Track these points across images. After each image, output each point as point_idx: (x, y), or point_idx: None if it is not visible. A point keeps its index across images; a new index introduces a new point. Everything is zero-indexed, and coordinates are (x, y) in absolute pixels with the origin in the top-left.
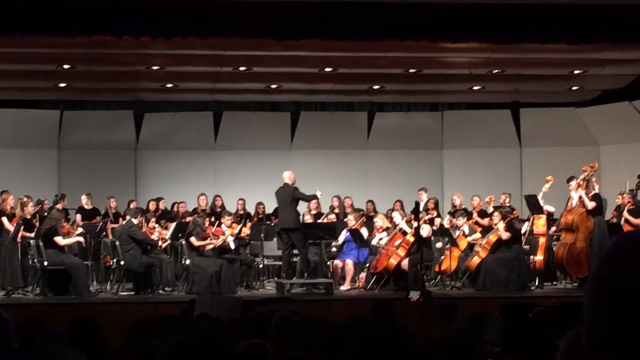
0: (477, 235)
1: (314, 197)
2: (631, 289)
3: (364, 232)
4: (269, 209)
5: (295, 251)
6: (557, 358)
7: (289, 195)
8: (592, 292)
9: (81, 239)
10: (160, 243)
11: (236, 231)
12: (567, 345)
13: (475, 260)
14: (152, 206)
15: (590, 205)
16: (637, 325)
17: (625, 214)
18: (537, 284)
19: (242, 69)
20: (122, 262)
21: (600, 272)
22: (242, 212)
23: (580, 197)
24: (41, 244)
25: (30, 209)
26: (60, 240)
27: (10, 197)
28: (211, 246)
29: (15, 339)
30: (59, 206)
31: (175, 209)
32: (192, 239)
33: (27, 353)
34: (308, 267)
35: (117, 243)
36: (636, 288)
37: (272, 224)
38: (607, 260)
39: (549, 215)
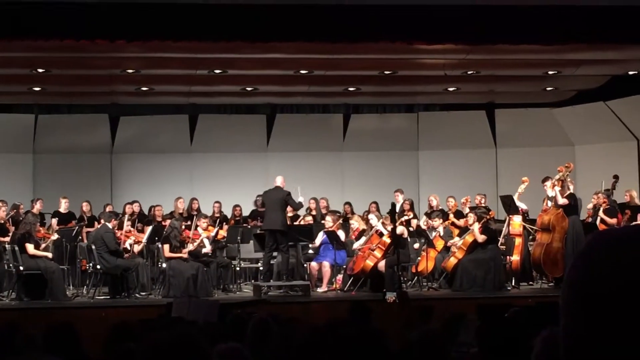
0: (457, 239)
1: (301, 205)
2: (604, 289)
3: (341, 234)
4: (246, 212)
5: (275, 253)
6: (533, 358)
7: (283, 199)
8: (567, 292)
9: (49, 254)
10: (135, 247)
11: (212, 234)
12: (542, 345)
13: (452, 261)
14: (128, 209)
15: (562, 201)
16: (611, 326)
17: (601, 213)
18: (513, 284)
19: (217, 71)
20: (98, 266)
21: (574, 272)
22: (218, 214)
23: (555, 196)
24: (16, 248)
25: (2, 213)
26: (30, 248)
27: None
28: (185, 252)
29: None
30: (35, 210)
31: (152, 212)
32: (166, 248)
33: (3, 358)
34: (287, 270)
35: (93, 247)
36: (609, 289)
37: (249, 227)
38: (581, 260)
39: (524, 213)
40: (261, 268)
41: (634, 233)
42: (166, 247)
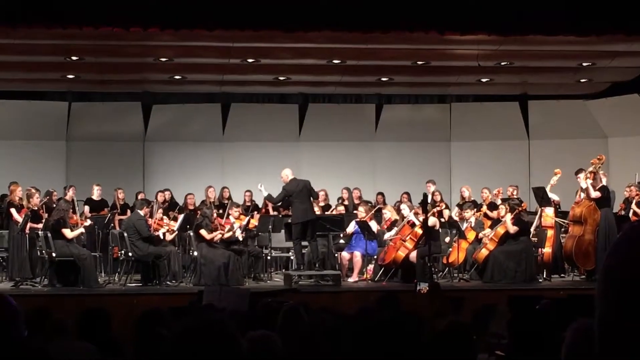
0: (489, 231)
1: (317, 194)
2: None
3: (373, 224)
4: None
5: (304, 243)
6: (563, 349)
7: (309, 188)
8: (603, 281)
9: (82, 230)
10: (168, 235)
11: (244, 223)
12: (573, 337)
13: (483, 252)
14: (160, 197)
15: (594, 194)
16: None
17: (634, 206)
18: (544, 276)
19: (250, 60)
20: (130, 254)
21: (610, 260)
22: (249, 203)
23: (587, 188)
24: (49, 235)
25: (36, 200)
26: (67, 233)
27: (19, 189)
28: (219, 237)
29: (24, 328)
30: (68, 197)
31: (183, 201)
32: (203, 232)
33: (35, 342)
34: (318, 259)
35: (125, 234)
36: None
37: (280, 216)
38: (617, 248)
39: (556, 205)
40: (292, 257)
41: None
42: (203, 231)
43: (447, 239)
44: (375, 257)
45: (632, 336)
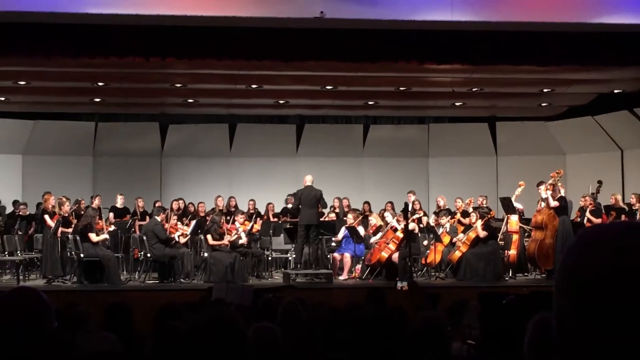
0: (462, 235)
1: (326, 204)
2: (592, 274)
3: (361, 229)
4: (277, 209)
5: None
6: (526, 338)
7: (319, 197)
8: (560, 277)
9: (107, 236)
10: (181, 239)
11: (248, 228)
12: (534, 328)
13: (457, 254)
14: (175, 205)
15: (553, 203)
16: (598, 307)
17: (588, 214)
18: (510, 275)
19: (254, 86)
20: (148, 255)
21: (566, 259)
22: (252, 211)
23: (547, 198)
24: (78, 238)
25: (66, 207)
26: (93, 237)
27: (52, 198)
28: (226, 243)
29: (55, 320)
30: (94, 205)
31: (193, 208)
32: (209, 238)
33: (64, 334)
34: (316, 260)
35: (144, 238)
36: (597, 273)
37: (280, 222)
38: (573, 249)
39: (520, 213)
40: (290, 258)
41: (617, 228)
42: (209, 237)
43: (425, 242)
44: (362, 258)
45: (586, 328)
